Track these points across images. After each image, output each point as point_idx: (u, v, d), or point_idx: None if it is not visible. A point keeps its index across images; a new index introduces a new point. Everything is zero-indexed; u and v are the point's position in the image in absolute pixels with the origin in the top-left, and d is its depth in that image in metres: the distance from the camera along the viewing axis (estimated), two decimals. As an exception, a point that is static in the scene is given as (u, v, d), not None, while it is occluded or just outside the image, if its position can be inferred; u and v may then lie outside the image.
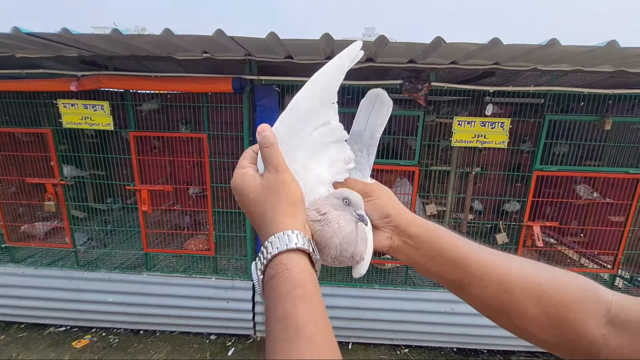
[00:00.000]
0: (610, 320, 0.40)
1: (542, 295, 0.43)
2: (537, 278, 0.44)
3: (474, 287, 0.47)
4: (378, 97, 0.56)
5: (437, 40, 1.84)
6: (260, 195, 0.45)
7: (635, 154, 2.67)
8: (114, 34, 1.89)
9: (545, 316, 0.42)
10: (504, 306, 0.45)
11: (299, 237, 0.41)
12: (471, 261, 0.47)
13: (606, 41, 1.83)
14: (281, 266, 0.39)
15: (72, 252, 3.12)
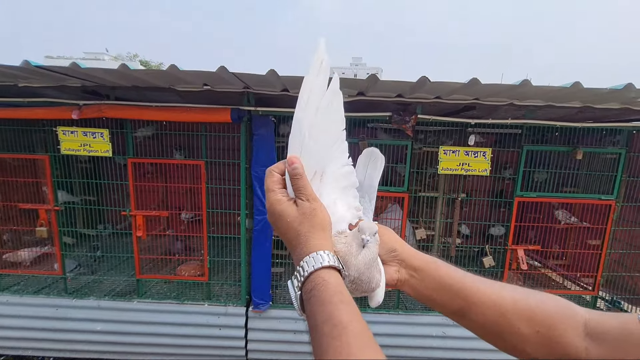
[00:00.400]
0: (589, 334, 0.46)
1: (532, 317, 0.48)
2: (526, 302, 0.50)
3: (473, 313, 0.52)
4: (372, 154, 0.66)
5: (422, 80, 2.02)
6: (296, 220, 0.50)
7: (606, 181, 2.88)
8: (122, 69, 2.01)
9: (536, 335, 0.48)
10: (501, 329, 0.50)
11: (331, 257, 0.47)
12: (469, 290, 0.52)
13: (571, 82, 2.05)
14: (319, 279, 0.45)
15: (60, 279, 3.06)
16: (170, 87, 2.53)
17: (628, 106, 2.52)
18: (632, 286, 2.98)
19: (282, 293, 3.17)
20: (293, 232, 0.51)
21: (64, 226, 3.18)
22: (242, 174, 2.76)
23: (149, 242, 3.66)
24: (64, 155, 2.83)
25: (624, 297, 3.02)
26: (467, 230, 3.80)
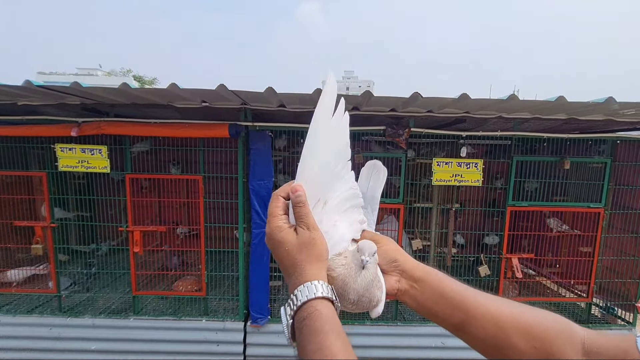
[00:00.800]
0: (586, 352, 0.47)
1: (529, 332, 0.49)
2: (524, 317, 0.51)
3: (473, 327, 0.52)
4: (375, 166, 0.68)
5: (415, 95, 2.10)
6: (294, 248, 0.52)
7: (594, 190, 2.97)
8: (123, 87, 2.06)
9: (533, 350, 0.49)
10: (499, 344, 0.51)
11: (324, 287, 0.48)
12: (470, 303, 0.53)
13: (556, 96, 2.15)
14: (312, 308, 0.46)
15: (54, 298, 3.02)
16: (169, 104, 2.58)
17: (611, 117, 2.63)
18: (624, 292, 3.04)
19: (281, 307, 3.16)
20: (290, 259, 0.51)
21: (58, 243, 3.16)
22: (240, 187, 2.80)
23: (145, 258, 3.64)
24: (60, 172, 2.84)
25: (617, 303, 3.07)
26: (462, 239, 3.85)
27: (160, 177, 3.25)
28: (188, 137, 2.87)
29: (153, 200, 4.00)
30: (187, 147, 2.99)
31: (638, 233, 2.93)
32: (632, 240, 2.97)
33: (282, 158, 3.32)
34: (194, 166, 3.58)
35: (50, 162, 2.81)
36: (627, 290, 3.02)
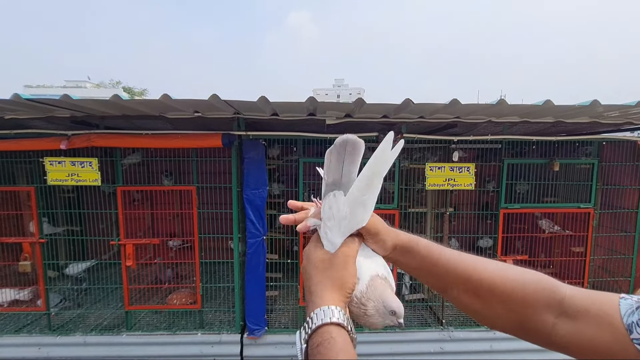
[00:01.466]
0: (564, 311, 0.48)
1: (507, 300, 0.51)
2: (502, 284, 0.52)
3: (452, 292, 0.56)
4: (348, 142, 0.55)
5: (406, 101, 2.13)
6: (324, 267, 0.53)
7: (583, 190, 3.03)
8: (114, 99, 2.04)
9: (509, 312, 0.51)
10: (477, 309, 0.54)
11: (341, 314, 0.47)
12: (451, 271, 0.55)
13: (543, 100, 2.21)
14: (326, 334, 0.44)
15: (44, 315, 2.93)
16: (160, 114, 2.57)
17: (596, 120, 2.70)
18: (617, 290, 3.08)
19: (278, 317, 3.12)
20: (316, 278, 0.52)
21: (47, 259, 3.07)
22: (234, 197, 2.78)
23: (137, 271, 3.57)
24: (48, 186, 2.78)
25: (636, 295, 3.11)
26: (457, 243, 3.87)
27: (152, 189, 3.20)
28: (181, 148, 2.85)
29: (145, 213, 3.94)
30: (180, 158, 2.96)
31: (627, 231, 2.99)
32: (622, 238, 3.03)
33: (276, 166, 3.31)
34: (187, 177, 3.55)
35: (39, 176, 2.76)
36: (620, 288, 3.07)
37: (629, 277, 3.01)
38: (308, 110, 2.54)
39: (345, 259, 0.53)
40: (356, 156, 0.56)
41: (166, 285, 3.39)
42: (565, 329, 0.48)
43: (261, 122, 2.78)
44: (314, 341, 0.45)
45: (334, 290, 0.50)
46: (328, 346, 0.43)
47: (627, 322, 0.43)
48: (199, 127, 2.84)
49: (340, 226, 0.54)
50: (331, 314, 0.46)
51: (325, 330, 0.45)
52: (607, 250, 3.15)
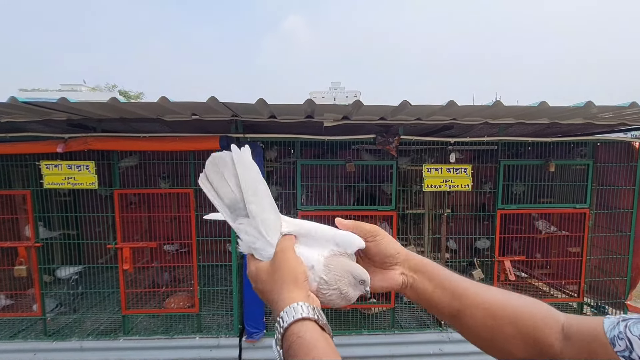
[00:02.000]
0: (565, 336, 0.50)
1: (518, 319, 0.52)
2: (513, 305, 0.53)
3: (467, 316, 0.55)
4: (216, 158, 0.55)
5: (403, 103, 2.15)
6: (269, 275, 0.52)
7: (579, 191, 3.06)
8: (112, 102, 2.03)
9: (521, 336, 0.52)
10: (491, 332, 0.53)
11: (304, 307, 0.46)
12: (466, 292, 0.55)
13: (539, 101, 2.23)
14: (293, 336, 0.44)
15: (39, 321, 2.89)
16: (158, 117, 2.56)
17: (590, 121, 2.74)
18: (613, 290, 3.11)
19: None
20: (268, 286, 0.52)
21: (43, 263, 3.04)
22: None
23: (134, 275, 3.54)
24: (44, 190, 2.76)
25: (607, 301, 3.13)
26: (454, 244, 3.89)
27: (149, 192, 3.19)
28: (178, 151, 2.85)
29: (142, 216, 3.92)
30: (178, 161, 2.96)
31: (623, 231, 3.02)
32: (618, 238, 3.06)
33: (274, 169, 3.31)
34: (184, 179, 3.53)
35: (35, 180, 2.74)
36: (616, 288, 3.09)
37: (625, 277, 3.03)
38: (306, 113, 2.55)
39: (282, 254, 0.53)
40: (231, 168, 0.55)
41: (163, 289, 3.37)
42: (568, 354, 0.49)
43: (259, 124, 2.78)
44: (285, 345, 0.45)
45: (289, 289, 0.49)
46: (297, 347, 0.43)
47: (610, 337, 0.45)
48: (197, 129, 2.84)
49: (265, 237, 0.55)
50: (293, 312, 0.46)
51: (290, 332, 0.44)
52: (603, 250, 3.18)
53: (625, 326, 0.45)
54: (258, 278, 0.54)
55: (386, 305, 3.02)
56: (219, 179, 0.56)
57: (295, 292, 0.49)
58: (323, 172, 3.15)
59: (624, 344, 0.43)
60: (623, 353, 0.43)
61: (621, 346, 0.44)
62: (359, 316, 3.11)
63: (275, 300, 0.49)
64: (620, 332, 0.45)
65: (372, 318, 3.09)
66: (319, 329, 0.45)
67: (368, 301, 3.05)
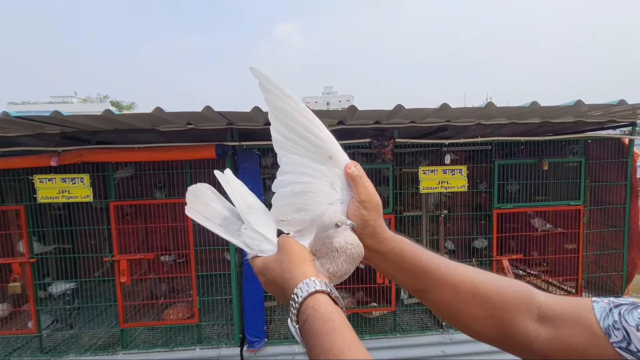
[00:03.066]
0: (541, 317, 0.49)
1: (488, 301, 0.52)
2: (485, 286, 0.53)
3: (432, 295, 0.56)
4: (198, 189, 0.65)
5: (398, 107, 2.17)
6: (277, 261, 0.54)
7: (572, 188, 3.10)
8: (106, 114, 2.02)
9: (490, 318, 0.52)
10: (456, 312, 0.55)
11: (317, 282, 0.47)
12: (431, 274, 0.55)
13: (530, 101, 2.27)
14: (309, 309, 0.45)
15: (35, 338, 2.84)
16: (153, 127, 2.55)
17: (581, 119, 2.79)
18: (610, 285, 3.14)
19: (278, 328, 3.08)
20: (278, 271, 0.52)
21: (38, 279, 2.99)
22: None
23: (131, 287, 3.49)
24: (38, 204, 2.72)
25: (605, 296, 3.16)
26: (452, 245, 3.91)
27: (145, 203, 3.17)
28: (174, 160, 2.83)
29: (138, 227, 3.87)
30: (173, 170, 2.94)
31: (617, 227, 3.06)
32: (612, 234, 3.10)
33: (271, 176, 3.31)
34: (181, 189, 3.51)
35: (28, 194, 2.70)
36: (613, 283, 3.13)
37: (621, 272, 3.07)
38: (301, 119, 2.55)
39: (287, 243, 0.55)
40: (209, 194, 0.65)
41: (162, 301, 3.32)
42: (545, 335, 0.48)
43: (255, 131, 2.79)
44: (301, 319, 0.45)
45: (299, 267, 0.51)
46: (312, 320, 0.43)
47: (604, 326, 0.44)
48: (192, 139, 2.83)
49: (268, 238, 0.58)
50: (307, 287, 0.47)
51: (305, 305, 0.45)
52: (598, 246, 3.21)
53: (619, 314, 0.43)
54: (266, 268, 0.55)
55: (387, 309, 3.02)
56: (203, 206, 0.63)
57: (305, 268, 0.50)
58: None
59: (620, 335, 0.42)
60: (620, 344, 0.41)
61: (617, 337, 0.42)
62: (360, 320, 3.10)
63: (287, 279, 0.50)
64: (615, 321, 0.43)
65: (373, 322, 3.08)
66: (332, 302, 0.46)
67: (369, 305, 3.04)
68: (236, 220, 0.61)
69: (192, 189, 0.63)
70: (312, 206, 0.57)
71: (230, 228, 0.61)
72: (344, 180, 0.57)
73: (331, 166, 0.57)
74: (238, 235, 0.60)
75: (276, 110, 0.55)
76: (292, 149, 0.57)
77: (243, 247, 0.59)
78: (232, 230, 0.61)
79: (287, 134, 0.56)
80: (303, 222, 0.59)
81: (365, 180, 0.56)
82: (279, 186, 0.59)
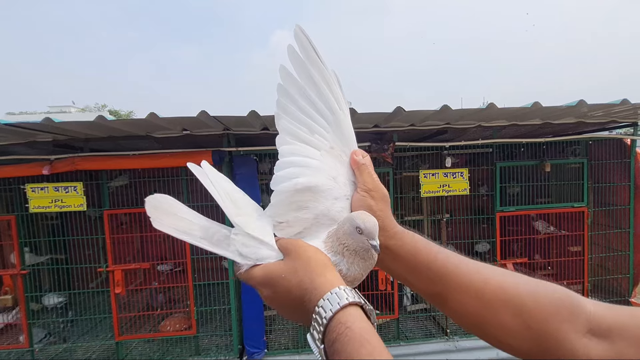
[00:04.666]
0: (592, 330, 0.41)
1: (522, 309, 0.43)
2: (516, 292, 0.45)
3: (451, 300, 0.47)
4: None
5: (397, 110, 2.13)
6: (289, 269, 0.43)
7: (575, 189, 3.06)
8: (99, 120, 1.97)
9: (526, 329, 0.43)
10: (481, 320, 0.46)
11: (348, 292, 0.39)
12: (448, 274, 0.47)
13: (531, 102, 2.24)
14: (341, 326, 0.36)
15: (27, 352, 2.74)
16: (147, 134, 2.50)
17: (582, 120, 2.76)
18: (617, 288, 3.08)
19: (278, 338, 3.00)
20: (294, 281, 0.42)
21: (30, 291, 2.90)
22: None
23: (127, 298, 3.40)
24: (30, 214, 2.66)
25: (612, 300, 3.10)
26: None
27: (141, 211, 3.09)
28: (169, 168, 2.78)
29: (134, 236, 3.80)
30: (169, 178, 2.88)
31: (622, 228, 3.01)
32: (617, 235, 3.05)
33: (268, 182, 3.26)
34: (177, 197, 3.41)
35: (20, 204, 2.63)
36: (620, 286, 3.07)
37: (627, 274, 3.01)
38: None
39: (298, 246, 0.45)
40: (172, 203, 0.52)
41: (158, 312, 3.23)
42: (598, 352, 0.41)
43: (251, 137, 2.74)
44: (330, 338, 0.37)
45: (322, 274, 0.41)
46: (345, 340, 0.35)
47: None
48: (188, 145, 2.78)
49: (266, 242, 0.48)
50: (337, 298, 0.38)
51: (336, 321, 0.37)
52: (603, 248, 3.16)
53: None
54: (273, 279, 0.44)
55: (390, 316, 2.94)
56: (172, 219, 0.51)
57: (329, 275, 0.41)
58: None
59: None
60: None
61: None
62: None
63: (308, 290, 0.41)
64: None
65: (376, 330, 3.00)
66: (366, 317, 0.38)
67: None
68: (219, 228, 0.51)
69: (150, 200, 0.51)
70: (316, 202, 0.50)
71: (216, 238, 0.50)
72: (350, 170, 0.51)
73: (336, 154, 0.51)
74: (227, 245, 0.49)
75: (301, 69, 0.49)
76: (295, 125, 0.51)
77: (236, 258, 0.49)
78: (218, 240, 0.50)
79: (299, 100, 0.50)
80: (304, 222, 0.51)
81: (372, 170, 0.50)
82: (278, 182, 0.51)
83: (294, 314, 0.45)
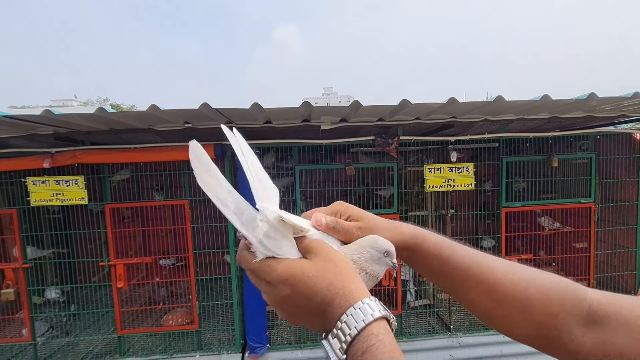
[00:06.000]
0: (591, 318, 0.43)
1: (528, 304, 0.46)
2: (524, 287, 0.47)
3: (464, 294, 0.50)
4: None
5: (403, 102, 2.08)
6: (319, 270, 0.41)
7: (582, 185, 3.01)
8: (100, 112, 1.94)
9: (530, 322, 0.46)
10: (491, 313, 0.49)
11: (379, 304, 0.39)
12: (460, 276, 0.50)
13: (541, 95, 2.18)
14: (373, 337, 0.36)
15: (29, 346, 2.74)
16: (149, 127, 2.47)
17: (590, 114, 2.70)
18: (623, 285, 3.05)
19: (280, 333, 2.99)
20: (322, 282, 0.40)
21: (32, 285, 2.90)
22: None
23: (129, 293, 3.40)
24: (32, 207, 2.64)
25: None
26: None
27: (143, 205, 3.08)
28: (171, 161, 2.75)
29: (136, 230, 3.79)
30: (171, 172, 2.86)
31: (629, 225, 2.97)
32: (624, 232, 3.01)
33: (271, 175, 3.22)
34: (179, 191, 3.43)
35: (21, 198, 2.61)
36: (625, 283, 3.03)
37: (634, 271, 2.97)
38: (303, 116, 2.47)
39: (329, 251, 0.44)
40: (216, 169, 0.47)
41: (160, 306, 3.23)
42: (593, 340, 0.42)
43: (255, 130, 2.70)
44: (357, 349, 0.36)
45: (353, 281, 0.41)
46: (377, 352, 0.35)
47: None
48: (190, 138, 2.72)
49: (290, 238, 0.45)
50: (370, 309, 0.37)
51: (369, 332, 0.36)
52: (610, 244, 3.12)
53: None
54: (297, 277, 0.41)
55: (393, 312, 2.92)
56: (213, 182, 0.46)
57: (360, 284, 0.41)
58: (322, 177, 3.07)
59: None
60: None
61: None
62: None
63: (338, 294, 0.39)
64: None
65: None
66: (391, 332, 0.38)
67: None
68: (248, 208, 0.46)
69: (194, 146, 0.45)
70: None
71: (245, 217, 0.46)
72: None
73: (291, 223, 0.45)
74: (252, 228, 0.45)
75: None
76: None
77: (257, 245, 0.44)
78: (247, 220, 0.46)
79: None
80: None
81: (341, 222, 0.50)
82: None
83: (303, 315, 0.43)
